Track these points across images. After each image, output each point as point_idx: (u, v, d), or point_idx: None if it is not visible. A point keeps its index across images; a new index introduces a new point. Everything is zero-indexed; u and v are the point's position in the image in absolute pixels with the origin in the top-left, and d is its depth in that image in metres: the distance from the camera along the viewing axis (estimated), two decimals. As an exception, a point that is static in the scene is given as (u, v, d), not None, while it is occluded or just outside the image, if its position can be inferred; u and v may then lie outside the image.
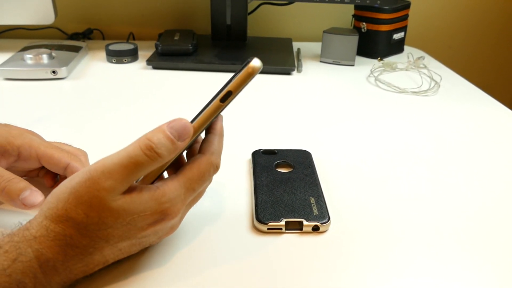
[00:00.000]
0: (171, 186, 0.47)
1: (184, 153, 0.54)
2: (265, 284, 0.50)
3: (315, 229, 0.58)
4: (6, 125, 0.61)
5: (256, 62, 0.50)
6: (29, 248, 0.43)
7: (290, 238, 0.57)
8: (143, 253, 0.53)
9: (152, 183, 0.50)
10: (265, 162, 0.71)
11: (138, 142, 0.45)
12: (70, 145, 0.64)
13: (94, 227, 0.44)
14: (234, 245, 0.55)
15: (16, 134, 0.59)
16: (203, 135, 0.54)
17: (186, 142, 0.48)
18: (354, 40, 1.24)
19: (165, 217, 0.47)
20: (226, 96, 0.50)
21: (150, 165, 0.45)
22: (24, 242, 0.43)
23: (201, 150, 0.52)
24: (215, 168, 0.52)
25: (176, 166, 0.52)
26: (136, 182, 0.49)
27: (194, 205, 0.54)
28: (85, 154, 0.63)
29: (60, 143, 0.64)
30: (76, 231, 0.44)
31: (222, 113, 0.52)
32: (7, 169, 0.57)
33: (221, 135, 0.54)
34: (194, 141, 0.54)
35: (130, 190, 0.45)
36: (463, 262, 0.54)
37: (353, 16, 1.38)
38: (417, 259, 0.54)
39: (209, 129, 0.54)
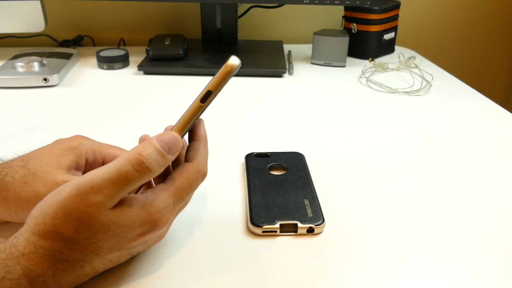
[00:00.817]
0: (160, 197, 0.47)
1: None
2: (260, 287, 0.50)
3: (310, 231, 0.58)
4: (60, 141, 0.59)
5: (234, 60, 0.49)
6: (17, 266, 0.42)
7: (285, 241, 0.57)
8: (135, 259, 0.53)
9: (138, 190, 0.50)
10: (258, 165, 0.71)
11: (127, 156, 0.45)
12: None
13: (85, 241, 0.43)
14: (229, 249, 0.55)
15: (76, 145, 0.58)
16: (186, 139, 0.54)
17: (176, 155, 0.48)
18: (344, 41, 1.24)
19: (154, 227, 0.47)
20: (206, 96, 0.50)
21: (140, 180, 0.45)
22: (11, 259, 0.42)
23: (187, 158, 0.52)
24: (203, 175, 0.51)
25: (162, 173, 0.52)
26: None
27: (187, 210, 0.54)
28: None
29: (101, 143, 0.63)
30: (65, 246, 0.43)
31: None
32: None
33: (206, 141, 0.54)
34: None
35: (119, 202, 0.45)
36: (458, 262, 0.54)
37: (343, 17, 1.38)
38: (412, 260, 0.54)
39: (193, 136, 0.53)
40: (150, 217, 0.46)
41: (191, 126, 0.50)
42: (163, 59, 1.21)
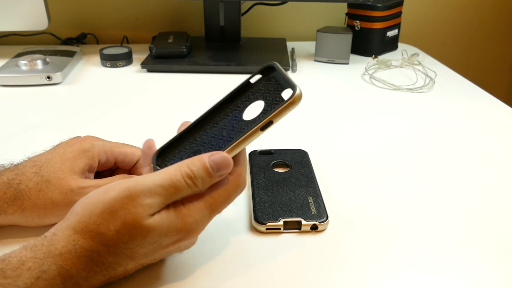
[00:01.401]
0: (197, 207, 0.47)
1: None
2: (264, 284, 0.50)
3: (314, 228, 0.58)
4: (71, 143, 0.59)
5: (299, 93, 0.48)
6: (53, 265, 0.42)
7: (289, 238, 0.57)
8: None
9: None
10: (262, 163, 0.71)
11: (179, 167, 0.46)
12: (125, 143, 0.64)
13: (123, 245, 0.44)
14: (233, 246, 0.55)
15: (88, 148, 0.58)
16: None
17: (224, 176, 0.48)
18: (348, 38, 1.24)
19: (189, 236, 0.47)
20: (266, 125, 0.49)
21: (186, 192, 0.46)
22: (48, 258, 0.42)
23: (232, 170, 0.50)
24: (242, 188, 0.51)
25: None
26: None
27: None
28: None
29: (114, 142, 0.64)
30: (104, 248, 0.43)
31: None
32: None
33: (245, 153, 0.53)
34: None
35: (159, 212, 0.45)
36: (462, 259, 0.54)
37: (347, 14, 1.38)
38: (416, 257, 0.54)
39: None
40: (186, 227, 0.46)
41: (241, 149, 0.50)
42: (166, 56, 1.21)
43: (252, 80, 0.52)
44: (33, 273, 0.41)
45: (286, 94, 0.49)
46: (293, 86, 0.49)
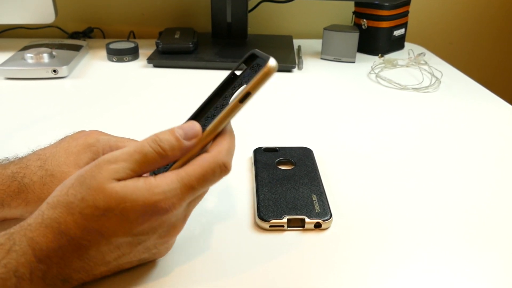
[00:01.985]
0: (167, 178, 0.45)
1: None
2: (267, 282, 0.50)
3: (317, 226, 0.58)
4: (76, 137, 0.59)
5: (272, 62, 0.48)
6: (23, 237, 0.43)
7: (292, 236, 0.57)
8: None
9: None
10: (266, 160, 0.71)
11: (145, 138, 0.46)
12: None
13: (87, 211, 0.43)
14: (236, 243, 0.56)
15: (93, 142, 0.58)
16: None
17: (193, 142, 0.47)
18: (354, 37, 1.23)
19: (158, 210, 0.44)
20: (244, 97, 0.48)
21: (153, 157, 0.45)
22: (19, 232, 0.43)
23: (207, 150, 0.49)
24: (222, 167, 0.47)
25: None
26: None
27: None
28: None
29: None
30: (70, 217, 0.43)
31: None
32: None
33: (231, 135, 0.51)
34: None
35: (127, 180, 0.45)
36: (466, 258, 0.54)
37: (354, 13, 1.38)
38: (420, 256, 0.54)
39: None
40: (152, 197, 0.44)
41: (224, 126, 0.49)
42: (172, 52, 1.21)
43: (238, 72, 0.52)
44: (4, 247, 0.42)
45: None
46: (266, 57, 0.49)
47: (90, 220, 0.43)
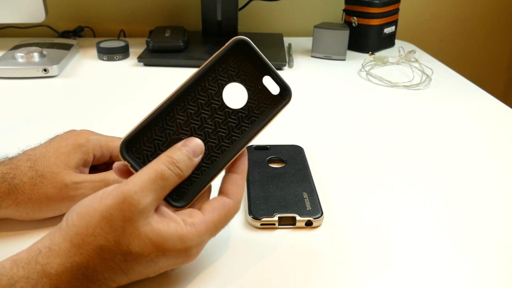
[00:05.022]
0: (200, 232, 0.46)
1: None
2: (258, 280, 0.50)
3: (308, 224, 0.58)
4: (66, 137, 0.59)
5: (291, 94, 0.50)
6: (47, 285, 0.40)
7: (283, 234, 0.57)
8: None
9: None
10: (257, 158, 0.71)
11: (159, 159, 0.46)
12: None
13: (120, 257, 0.43)
14: (227, 241, 0.56)
15: (83, 142, 0.58)
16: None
17: (200, 158, 0.48)
18: (345, 34, 1.24)
19: (187, 260, 0.47)
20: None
21: (173, 180, 0.46)
22: (43, 278, 0.40)
23: (227, 192, 0.50)
24: (238, 210, 0.50)
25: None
26: None
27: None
28: None
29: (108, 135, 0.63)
30: (102, 263, 0.42)
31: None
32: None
33: (245, 175, 0.52)
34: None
35: (159, 219, 0.45)
36: (456, 255, 0.54)
37: (344, 10, 1.38)
38: (410, 253, 0.54)
39: (235, 168, 0.51)
40: (185, 251, 0.45)
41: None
42: (163, 50, 1.21)
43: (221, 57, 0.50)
44: None
45: (268, 83, 0.50)
46: (285, 88, 0.50)
47: (121, 265, 0.43)
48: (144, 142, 0.48)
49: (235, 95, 0.54)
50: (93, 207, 0.43)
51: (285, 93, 0.51)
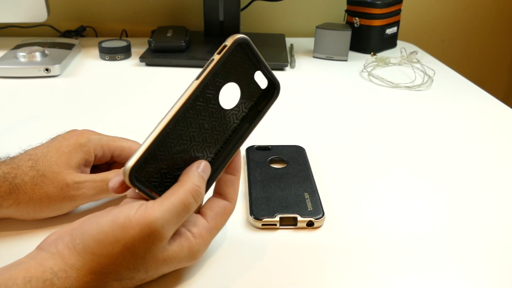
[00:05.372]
0: (206, 240, 0.48)
1: None
2: (259, 280, 0.50)
3: (310, 224, 0.58)
4: (67, 136, 0.59)
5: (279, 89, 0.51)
6: None
7: (285, 234, 0.57)
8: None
9: None
10: (259, 158, 0.71)
11: (188, 189, 0.46)
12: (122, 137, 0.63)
13: (138, 280, 0.45)
14: (228, 241, 0.56)
15: (85, 142, 0.58)
16: None
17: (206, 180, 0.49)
18: (347, 35, 1.24)
19: (192, 262, 0.49)
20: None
21: (195, 209, 0.46)
22: None
23: (225, 194, 0.51)
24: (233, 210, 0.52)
25: None
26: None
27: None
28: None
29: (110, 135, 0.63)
30: (118, 284, 0.43)
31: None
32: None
33: (240, 175, 0.53)
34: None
35: (171, 239, 0.46)
36: (458, 256, 0.54)
37: (346, 11, 1.38)
38: (412, 254, 0.54)
39: (231, 169, 0.52)
40: (193, 257, 0.47)
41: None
42: (165, 50, 1.21)
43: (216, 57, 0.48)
44: None
45: (260, 79, 0.50)
46: (274, 82, 0.50)
47: (136, 283, 0.45)
48: (149, 163, 0.46)
49: (228, 93, 0.54)
50: (115, 237, 0.42)
51: (273, 87, 0.51)
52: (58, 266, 0.41)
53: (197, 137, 0.49)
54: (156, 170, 0.47)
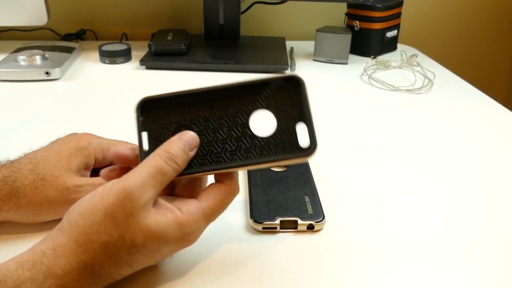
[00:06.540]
0: (196, 217, 0.47)
1: None
2: (260, 284, 0.50)
3: (310, 228, 0.58)
4: (67, 140, 0.59)
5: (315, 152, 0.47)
6: (53, 285, 0.41)
7: (285, 237, 0.57)
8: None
9: None
10: (259, 162, 0.71)
11: (156, 153, 0.47)
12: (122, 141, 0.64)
13: (125, 251, 0.44)
14: (229, 245, 0.56)
15: (85, 146, 0.58)
16: None
17: (195, 152, 0.49)
18: (347, 38, 1.24)
19: (186, 245, 0.48)
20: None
21: (171, 175, 0.47)
22: (49, 279, 0.41)
23: (223, 181, 0.51)
24: (236, 194, 0.51)
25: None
26: None
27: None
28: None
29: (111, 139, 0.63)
30: (107, 258, 0.43)
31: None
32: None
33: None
34: None
35: (156, 210, 0.46)
36: (459, 259, 0.54)
37: (346, 14, 1.38)
38: (413, 257, 0.54)
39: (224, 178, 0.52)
40: (184, 237, 0.47)
41: None
42: (165, 54, 1.21)
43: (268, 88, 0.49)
44: None
45: (301, 131, 0.48)
46: (314, 144, 0.47)
47: (126, 258, 0.44)
48: (162, 108, 0.50)
49: (261, 122, 0.51)
50: (95, 206, 0.43)
51: (310, 150, 0.47)
52: (47, 246, 0.43)
53: (211, 131, 0.49)
54: (161, 123, 0.50)
